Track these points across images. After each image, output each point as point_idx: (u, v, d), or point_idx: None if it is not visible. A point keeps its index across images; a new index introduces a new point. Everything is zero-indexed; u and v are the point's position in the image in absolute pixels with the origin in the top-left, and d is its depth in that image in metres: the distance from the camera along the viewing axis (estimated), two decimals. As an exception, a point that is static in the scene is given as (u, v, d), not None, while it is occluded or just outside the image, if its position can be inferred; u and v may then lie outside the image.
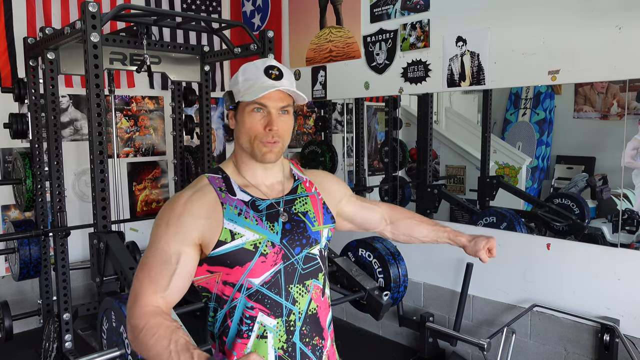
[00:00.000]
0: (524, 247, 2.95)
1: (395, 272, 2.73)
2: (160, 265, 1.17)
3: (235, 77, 1.27)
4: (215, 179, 1.27)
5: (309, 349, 1.28)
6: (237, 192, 1.25)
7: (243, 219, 1.21)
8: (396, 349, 3.61)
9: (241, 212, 1.22)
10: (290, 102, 1.25)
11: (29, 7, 3.70)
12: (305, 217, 1.31)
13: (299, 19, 4.18)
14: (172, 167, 4.25)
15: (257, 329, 1.22)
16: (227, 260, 1.20)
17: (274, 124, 1.21)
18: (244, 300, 1.22)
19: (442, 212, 3.52)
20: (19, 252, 3.25)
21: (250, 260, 1.20)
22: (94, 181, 2.38)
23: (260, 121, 1.22)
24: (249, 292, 1.22)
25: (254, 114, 1.22)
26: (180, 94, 3.84)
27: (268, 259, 1.22)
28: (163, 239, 1.19)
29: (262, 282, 1.22)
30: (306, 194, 1.35)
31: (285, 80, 1.23)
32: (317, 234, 1.32)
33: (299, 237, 1.27)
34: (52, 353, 3.13)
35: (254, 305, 1.22)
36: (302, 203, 1.32)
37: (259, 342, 1.22)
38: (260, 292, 1.22)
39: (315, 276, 1.30)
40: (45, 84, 2.94)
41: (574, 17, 2.64)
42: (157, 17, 2.93)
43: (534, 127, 3.36)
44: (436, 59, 3.25)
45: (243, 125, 1.24)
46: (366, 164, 4.18)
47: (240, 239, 1.20)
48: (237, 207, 1.22)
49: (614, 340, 2.56)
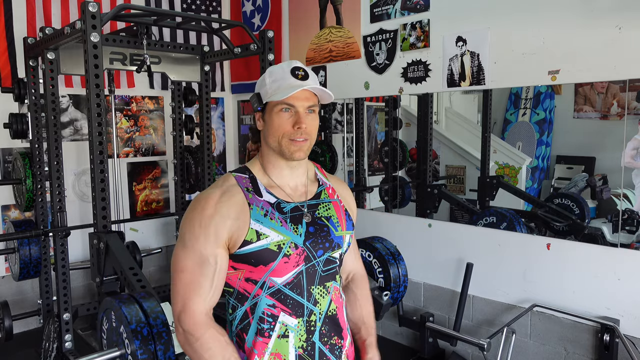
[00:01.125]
0: (524, 247, 2.95)
1: (395, 272, 2.73)
2: (201, 268, 1.22)
3: (262, 79, 1.31)
4: (242, 178, 1.30)
5: (327, 348, 1.32)
6: (263, 194, 1.29)
7: (269, 220, 1.25)
8: (396, 349, 3.61)
9: (267, 213, 1.26)
10: (316, 101, 1.30)
11: (29, 7, 3.70)
12: (329, 222, 1.34)
13: (299, 19, 4.17)
14: (172, 167, 4.25)
15: (279, 329, 1.26)
16: (252, 259, 1.24)
17: (302, 122, 1.26)
18: (265, 299, 1.26)
19: (442, 212, 3.52)
20: (19, 252, 3.25)
21: (274, 260, 1.24)
22: (94, 181, 2.38)
23: (289, 120, 1.26)
24: (271, 290, 1.26)
25: (282, 114, 1.26)
26: (180, 94, 3.84)
27: (291, 259, 1.26)
28: (200, 240, 1.23)
29: (285, 283, 1.26)
30: (329, 200, 1.38)
31: (311, 80, 1.28)
32: (340, 239, 1.36)
33: (322, 241, 1.31)
34: (52, 353, 3.13)
35: (276, 304, 1.26)
36: (326, 208, 1.36)
37: (280, 341, 1.26)
38: (282, 292, 1.26)
39: (334, 278, 1.35)
40: (45, 84, 2.94)
41: (574, 17, 2.64)
42: (157, 17, 2.93)
43: (534, 127, 3.36)
44: (436, 59, 3.25)
45: (272, 124, 1.27)
46: (366, 164, 4.18)
47: (265, 240, 1.24)
48: (263, 208, 1.26)
49: (614, 340, 2.56)
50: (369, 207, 4.04)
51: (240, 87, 4.80)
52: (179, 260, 1.24)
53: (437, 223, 3.42)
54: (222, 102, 4.90)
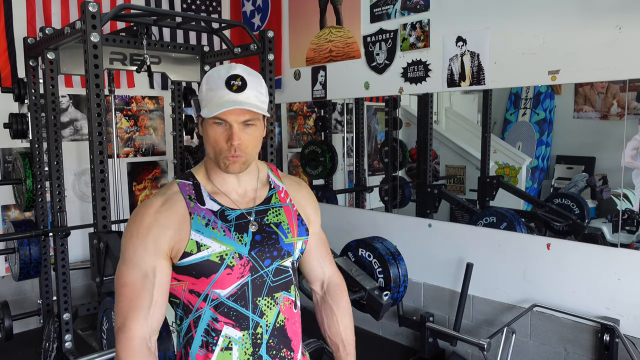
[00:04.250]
0: (524, 247, 2.95)
1: (395, 272, 2.73)
2: (142, 281, 1.16)
3: (201, 84, 1.21)
4: (186, 185, 1.23)
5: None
6: (206, 201, 1.21)
7: (210, 229, 1.18)
8: (396, 349, 3.61)
9: (209, 223, 1.19)
10: (254, 114, 1.18)
11: (29, 7, 3.70)
12: (279, 229, 1.26)
13: (299, 19, 4.18)
14: (172, 167, 4.25)
15: (222, 342, 1.20)
16: (193, 271, 1.18)
17: (234, 138, 1.16)
18: (210, 312, 1.20)
19: (442, 212, 3.52)
20: (19, 252, 3.25)
21: (216, 272, 1.18)
22: (94, 181, 2.38)
23: (223, 135, 1.17)
24: (214, 303, 1.20)
25: (215, 127, 1.17)
26: (180, 94, 3.84)
27: (234, 271, 1.19)
28: (138, 253, 1.17)
29: (228, 295, 1.19)
30: (280, 204, 1.30)
31: (249, 92, 1.16)
32: (291, 246, 1.28)
33: (270, 249, 1.24)
34: (52, 353, 3.13)
35: (219, 318, 1.20)
36: (276, 214, 1.28)
37: (224, 354, 1.20)
38: (226, 304, 1.20)
39: (286, 288, 1.27)
40: (45, 84, 2.94)
41: (574, 17, 2.64)
42: (157, 17, 2.93)
43: (534, 127, 3.36)
44: (436, 59, 3.25)
45: (207, 136, 1.20)
46: (366, 164, 4.18)
47: (205, 251, 1.17)
48: (204, 217, 1.19)
49: (614, 340, 2.56)
50: (369, 207, 4.05)
51: (240, 87, 4.80)
52: (121, 274, 1.18)
53: (437, 223, 3.42)
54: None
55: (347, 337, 1.45)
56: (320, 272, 1.46)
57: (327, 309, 1.46)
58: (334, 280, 1.48)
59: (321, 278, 1.47)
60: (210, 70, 1.23)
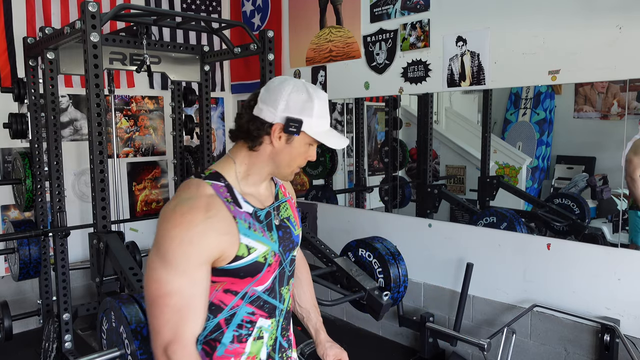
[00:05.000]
0: (524, 247, 2.95)
1: (395, 272, 2.72)
2: (192, 289, 1.13)
3: (308, 106, 1.21)
4: (219, 187, 1.21)
5: (285, 340, 1.37)
6: (242, 204, 1.22)
7: (252, 232, 1.21)
8: (396, 349, 3.61)
9: (250, 226, 1.21)
10: None
11: (29, 7, 3.70)
12: (290, 222, 1.35)
13: (299, 19, 4.17)
14: (172, 167, 4.24)
15: (255, 332, 1.26)
16: (241, 273, 1.20)
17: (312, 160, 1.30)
18: (246, 307, 1.24)
19: (442, 212, 3.52)
20: (19, 252, 3.25)
21: (261, 271, 1.23)
22: (94, 181, 2.38)
23: (306, 154, 1.28)
24: (252, 299, 1.24)
25: (308, 147, 1.27)
26: (180, 94, 3.84)
27: (272, 267, 1.26)
28: (191, 260, 1.12)
29: (264, 289, 1.26)
30: (285, 199, 1.37)
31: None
32: (298, 237, 1.38)
33: (288, 243, 1.32)
34: (52, 353, 3.13)
35: (255, 312, 1.25)
36: (285, 208, 1.35)
37: (256, 343, 1.27)
38: (262, 298, 1.26)
39: (293, 275, 1.40)
40: (45, 84, 2.94)
41: (574, 17, 2.64)
42: (157, 17, 2.92)
43: (534, 127, 3.36)
44: (436, 59, 3.25)
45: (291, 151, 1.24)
46: (366, 164, 4.18)
47: (254, 253, 1.20)
48: (245, 221, 1.21)
49: (614, 340, 2.56)
50: (369, 207, 4.04)
51: (240, 87, 4.80)
52: (165, 282, 1.11)
53: (437, 223, 3.42)
54: (222, 102, 4.90)
55: (315, 302, 1.61)
56: None
57: (296, 281, 1.56)
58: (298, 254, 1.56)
59: None
60: (316, 97, 1.23)
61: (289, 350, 1.39)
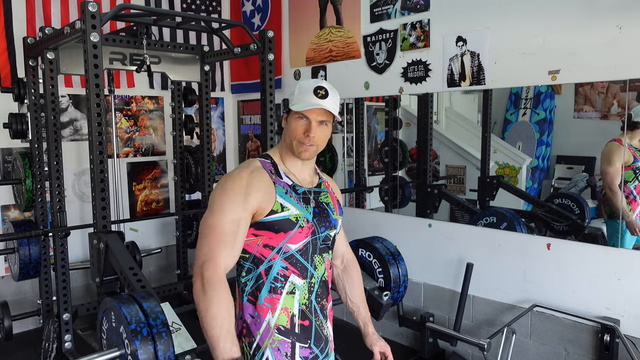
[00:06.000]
0: (524, 247, 2.95)
1: (395, 272, 2.72)
2: (231, 227, 1.45)
3: (294, 89, 1.58)
4: (266, 163, 1.58)
5: (319, 307, 1.60)
6: (283, 176, 1.57)
7: (289, 197, 1.53)
8: (396, 349, 3.59)
9: (287, 192, 1.54)
10: (329, 117, 1.54)
11: (29, 7, 3.70)
12: (328, 207, 1.64)
13: (299, 19, 4.17)
14: (172, 167, 4.25)
15: (288, 287, 1.53)
16: (275, 227, 1.50)
17: (310, 131, 1.52)
18: (280, 262, 1.52)
19: (442, 212, 3.52)
20: (19, 252, 3.24)
21: (292, 229, 1.51)
22: (94, 181, 2.38)
23: (302, 127, 1.53)
24: (286, 255, 1.52)
25: (298, 120, 1.54)
26: (180, 94, 3.84)
27: (303, 231, 1.54)
28: (234, 204, 1.46)
29: (297, 249, 1.54)
30: (327, 190, 1.68)
31: (329, 100, 1.53)
32: (336, 221, 1.65)
33: (324, 220, 1.60)
34: (52, 353, 3.13)
35: (288, 267, 1.53)
36: (325, 196, 1.65)
37: (288, 297, 1.53)
38: (295, 256, 1.54)
39: (328, 251, 1.63)
40: (45, 84, 2.94)
41: (574, 17, 2.64)
42: (157, 17, 2.92)
43: (534, 127, 3.35)
44: (436, 59, 3.25)
45: (289, 127, 1.55)
46: (366, 164, 4.17)
47: (287, 212, 1.51)
48: (284, 187, 1.54)
49: (614, 340, 2.56)
50: (369, 207, 4.04)
51: (240, 87, 4.80)
52: (210, 220, 1.46)
53: (437, 223, 3.42)
54: (222, 102, 4.90)
55: (364, 299, 1.85)
56: (342, 249, 1.84)
57: (348, 278, 1.84)
58: (349, 256, 1.87)
59: (342, 254, 1.85)
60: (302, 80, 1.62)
61: (324, 320, 1.62)
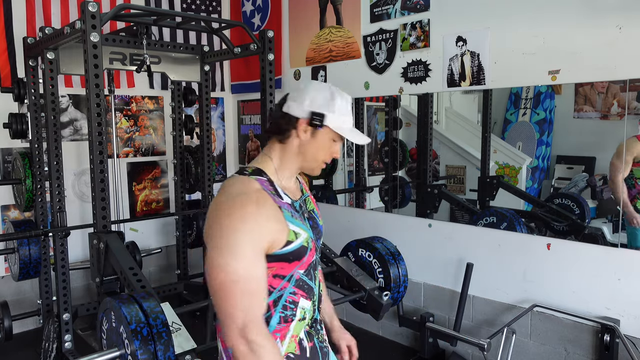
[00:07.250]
0: (524, 247, 2.94)
1: (395, 272, 2.73)
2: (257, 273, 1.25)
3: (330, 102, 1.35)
4: (263, 182, 1.34)
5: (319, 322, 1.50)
6: (282, 196, 1.36)
7: (295, 220, 1.35)
8: (396, 349, 3.61)
9: (292, 214, 1.35)
10: None
11: (29, 7, 3.70)
12: (314, 214, 1.50)
13: (299, 19, 4.17)
14: (172, 167, 4.25)
15: (299, 313, 1.38)
16: (290, 257, 1.32)
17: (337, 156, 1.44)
18: (290, 289, 1.36)
19: (442, 212, 3.52)
20: (19, 252, 3.24)
21: (305, 254, 1.36)
22: (94, 181, 2.38)
23: (331, 150, 1.40)
24: (296, 281, 1.37)
25: (333, 143, 1.39)
26: (180, 94, 3.84)
27: (311, 252, 1.39)
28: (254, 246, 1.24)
29: (305, 272, 1.39)
30: (307, 194, 1.53)
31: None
32: (322, 228, 1.52)
33: (316, 231, 1.46)
34: (52, 353, 3.13)
35: (296, 292, 1.37)
36: (309, 202, 1.51)
37: (299, 323, 1.39)
38: (302, 279, 1.38)
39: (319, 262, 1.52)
40: (45, 84, 2.94)
41: (574, 17, 2.64)
42: (157, 17, 2.93)
43: (534, 127, 3.35)
44: (436, 59, 3.25)
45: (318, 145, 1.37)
46: (366, 164, 4.17)
47: (300, 238, 1.33)
48: (288, 210, 1.34)
49: (614, 340, 2.56)
50: (369, 207, 4.04)
51: (240, 87, 4.80)
52: (233, 270, 1.22)
53: (437, 223, 3.42)
54: (222, 102, 4.90)
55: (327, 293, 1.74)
56: None
57: None
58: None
59: None
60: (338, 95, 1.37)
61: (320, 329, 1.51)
